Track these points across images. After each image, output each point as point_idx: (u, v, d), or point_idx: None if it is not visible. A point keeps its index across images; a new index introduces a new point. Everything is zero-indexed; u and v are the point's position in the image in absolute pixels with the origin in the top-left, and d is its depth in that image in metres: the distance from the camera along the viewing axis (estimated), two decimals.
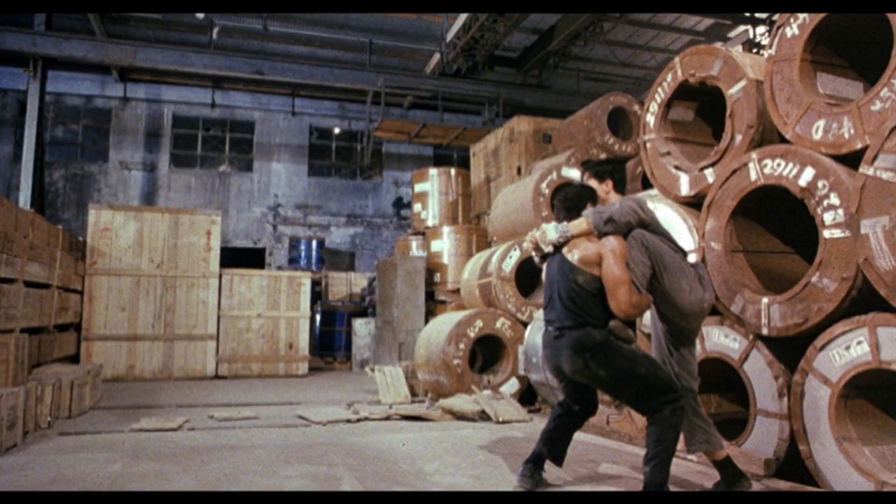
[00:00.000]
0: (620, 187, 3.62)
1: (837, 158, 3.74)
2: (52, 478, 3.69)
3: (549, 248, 3.46)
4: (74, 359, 8.79)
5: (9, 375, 4.73)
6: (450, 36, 14.07)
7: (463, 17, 13.27)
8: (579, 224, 3.39)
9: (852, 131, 3.64)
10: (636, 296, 3.20)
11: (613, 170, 3.63)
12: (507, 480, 3.67)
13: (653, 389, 3.22)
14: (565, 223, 3.44)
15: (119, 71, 14.89)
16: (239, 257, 14.68)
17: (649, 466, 3.16)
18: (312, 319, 11.87)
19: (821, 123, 3.82)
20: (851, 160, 3.69)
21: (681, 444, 3.35)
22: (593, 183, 3.62)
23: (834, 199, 3.57)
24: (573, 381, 3.48)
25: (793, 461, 3.72)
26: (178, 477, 3.74)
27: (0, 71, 14.58)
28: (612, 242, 3.27)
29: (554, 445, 3.55)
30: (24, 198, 12.33)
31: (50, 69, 13.16)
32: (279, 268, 15.46)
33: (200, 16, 13.74)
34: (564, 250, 3.40)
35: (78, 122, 15.70)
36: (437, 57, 14.86)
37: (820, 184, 3.65)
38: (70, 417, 5.70)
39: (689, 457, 4.13)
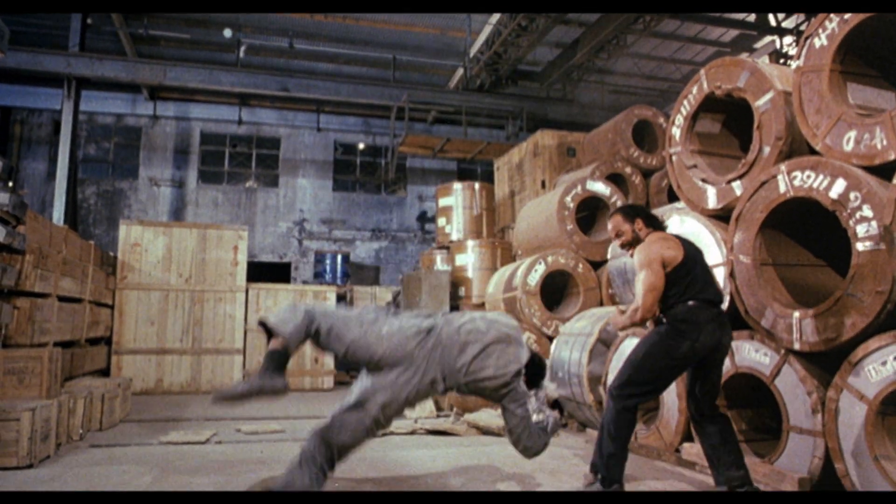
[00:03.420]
0: (650, 222, 3.70)
1: (869, 170, 3.67)
2: (84, 490, 3.74)
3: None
4: (105, 372, 8.93)
5: (42, 388, 4.82)
6: (473, 51, 14.17)
7: (486, 31, 13.36)
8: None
9: (885, 142, 3.58)
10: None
11: (640, 210, 3.79)
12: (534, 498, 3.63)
13: None
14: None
15: (149, 90, 15.25)
16: (265, 272, 14.83)
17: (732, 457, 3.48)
18: None
19: (852, 134, 3.77)
20: (884, 171, 3.63)
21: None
22: (625, 224, 3.71)
23: (867, 211, 3.51)
24: (704, 367, 3.55)
25: (828, 479, 3.63)
26: (207, 490, 3.77)
27: (36, 91, 15.03)
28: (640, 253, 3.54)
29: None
30: (58, 214, 12.64)
31: (83, 89, 13.52)
32: (304, 282, 15.59)
33: (228, 34, 14.03)
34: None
35: (109, 140, 16.07)
36: (460, 72, 14.97)
37: (852, 195, 3.59)
38: (101, 430, 5.78)
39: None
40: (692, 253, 3.55)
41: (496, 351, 3.30)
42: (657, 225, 3.70)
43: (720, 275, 4.48)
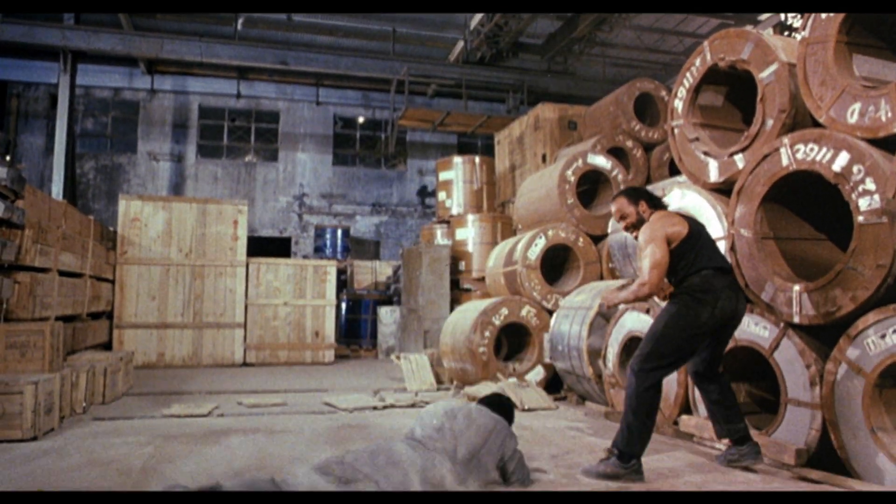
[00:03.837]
0: (653, 204, 3.74)
1: (874, 142, 3.64)
2: (88, 460, 3.78)
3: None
4: (107, 346, 8.99)
5: (45, 362, 4.85)
6: (473, 23, 13.99)
7: None
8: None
9: (890, 114, 3.54)
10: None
11: (643, 192, 3.83)
12: (535, 471, 3.66)
13: None
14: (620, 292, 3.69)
15: (146, 63, 15.09)
16: (265, 246, 14.83)
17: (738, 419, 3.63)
18: (338, 308, 11.96)
19: (856, 106, 3.72)
20: (888, 144, 3.60)
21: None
22: (629, 207, 3.72)
23: (870, 185, 3.49)
24: (716, 335, 3.60)
25: (825, 451, 3.66)
26: (209, 461, 3.81)
27: (32, 65, 14.87)
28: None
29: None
30: (57, 189, 12.60)
31: (79, 62, 13.39)
32: (305, 257, 15.60)
33: None
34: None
35: (107, 115, 15.96)
36: (460, 45, 14.80)
37: (855, 168, 3.56)
38: (104, 403, 5.83)
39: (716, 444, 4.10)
40: (695, 227, 3.62)
41: (471, 429, 3.09)
42: (660, 206, 3.75)
43: (721, 248, 4.47)
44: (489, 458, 3.07)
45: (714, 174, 4.78)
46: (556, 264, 7.81)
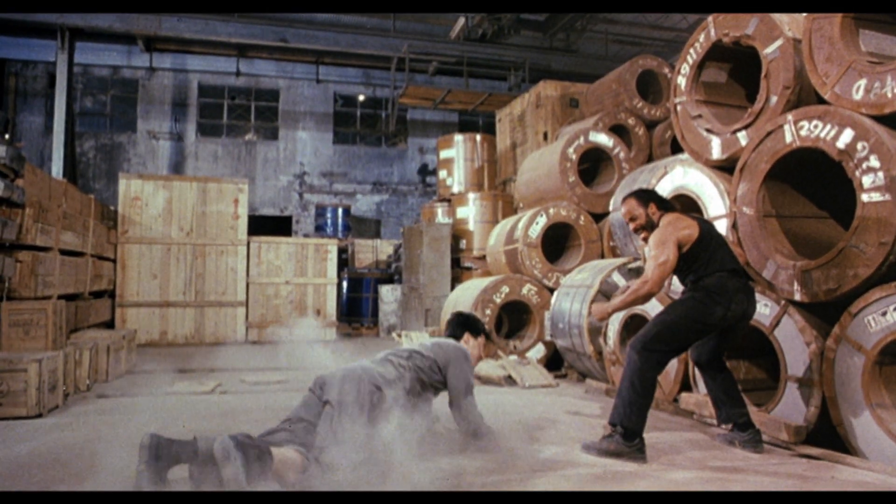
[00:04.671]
0: (662, 205, 3.76)
1: (879, 119, 3.61)
2: (93, 437, 3.81)
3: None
4: (110, 324, 9.02)
5: (48, 340, 4.87)
6: None
7: None
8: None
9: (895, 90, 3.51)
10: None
11: (653, 194, 3.84)
12: (536, 446, 3.69)
13: None
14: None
15: (145, 41, 14.93)
16: (266, 225, 14.82)
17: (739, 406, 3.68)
18: (339, 286, 11.98)
19: (862, 83, 3.69)
20: (894, 121, 3.58)
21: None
22: (639, 209, 3.76)
23: (874, 162, 3.47)
24: (724, 333, 3.67)
25: (824, 428, 3.69)
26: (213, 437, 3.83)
27: (29, 43, 14.72)
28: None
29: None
30: (57, 168, 12.56)
31: (77, 40, 13.26)
32: (306, 235, 15.59)
33: None
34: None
35: (106, 93, 15.85)
36: (461, 21, 14.63)
37: (859, 145, 3.54)
38: (107, 381, 5.87)
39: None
40: (707, 228, 3.64)
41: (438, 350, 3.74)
42: (669, 208, 3.78)
43: (722, 226, 4.47)
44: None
45: (717, 151, 4.76)
46: (557, 242, 7.81)
